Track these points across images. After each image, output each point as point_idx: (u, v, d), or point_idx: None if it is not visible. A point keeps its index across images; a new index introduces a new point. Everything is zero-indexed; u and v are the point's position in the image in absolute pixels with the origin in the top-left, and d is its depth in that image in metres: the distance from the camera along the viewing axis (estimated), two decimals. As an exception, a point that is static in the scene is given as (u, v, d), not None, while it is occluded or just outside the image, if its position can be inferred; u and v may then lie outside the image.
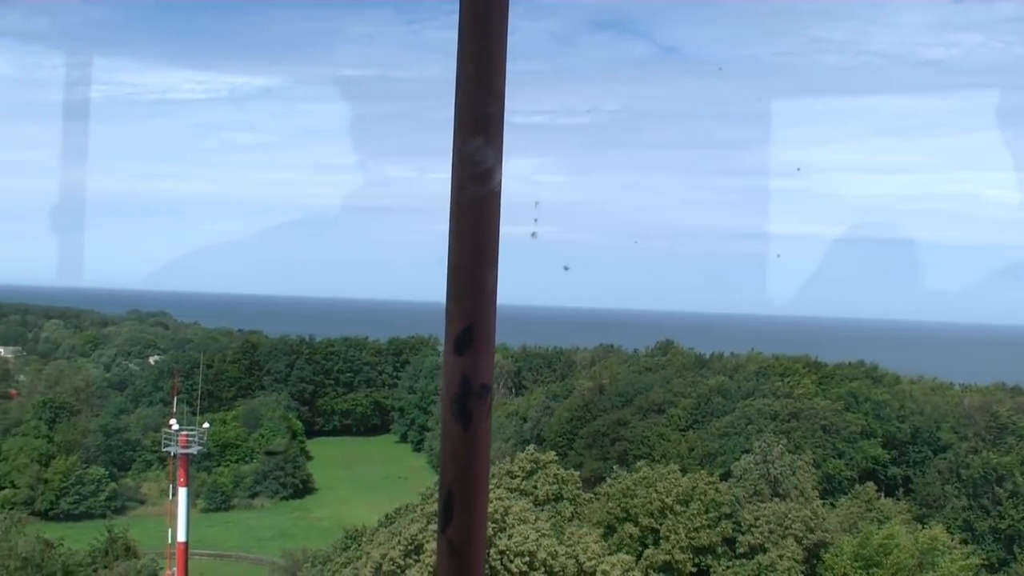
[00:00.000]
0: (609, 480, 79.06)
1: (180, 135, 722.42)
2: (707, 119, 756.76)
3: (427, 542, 50.36)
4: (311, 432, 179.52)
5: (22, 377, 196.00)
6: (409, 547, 51.85)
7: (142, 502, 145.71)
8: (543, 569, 51.86)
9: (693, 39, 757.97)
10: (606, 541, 63.76)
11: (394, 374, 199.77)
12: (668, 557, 67.10)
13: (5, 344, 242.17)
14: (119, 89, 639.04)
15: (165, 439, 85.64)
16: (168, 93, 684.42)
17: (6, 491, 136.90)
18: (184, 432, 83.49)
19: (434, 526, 49.16)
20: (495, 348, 3.16)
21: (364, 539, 70.39)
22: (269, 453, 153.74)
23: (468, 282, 2.97)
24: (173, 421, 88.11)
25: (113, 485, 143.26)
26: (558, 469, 74.18)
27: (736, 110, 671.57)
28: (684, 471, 79.67)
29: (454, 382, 2.99)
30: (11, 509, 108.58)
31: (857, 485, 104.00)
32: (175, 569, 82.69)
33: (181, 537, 79.49)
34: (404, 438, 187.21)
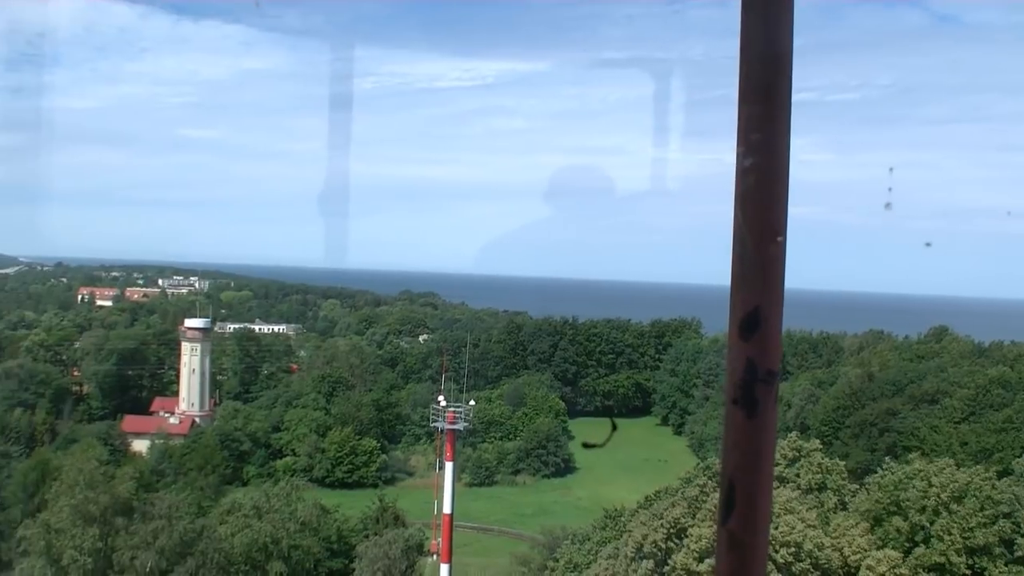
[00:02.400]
0: (880, 471, 76.09)
1: (447, 122, 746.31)
2: (988, 91, 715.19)
3: (691, 527, 49.94)
4: (573, 412, 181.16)
5: (302, 353, 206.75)
6: (671, 530, 51.54)
7: (410, 474, 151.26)
8: (808, 561, 50.50)
9: (972, 5, 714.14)
10: (873, 535, 61.41)
11: (656, 356, 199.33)
12: (942, 559, 63.92)
13: (287, 322, 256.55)
14: (389, 79, 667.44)
15: (433, 415, 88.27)
16: (435, 82, 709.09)
17: (287, 459, 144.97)
18: (451, 408, 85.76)
19: (697, 511, 48.69)
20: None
21: (623, 520, 70.44)
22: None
23: (755, 263, 2.81)
24: (441, 398, 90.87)
25: (384, 457, 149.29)
26: (822, 458, 71.96)
27: (1020, 81, 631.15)
28: (957, 466, 75.78)
29: (739, 367, 2.84)
30: (292, 476, 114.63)
31: None
32: (440, 539, 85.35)
33: (447, 509, 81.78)
34: (665, 421, 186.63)
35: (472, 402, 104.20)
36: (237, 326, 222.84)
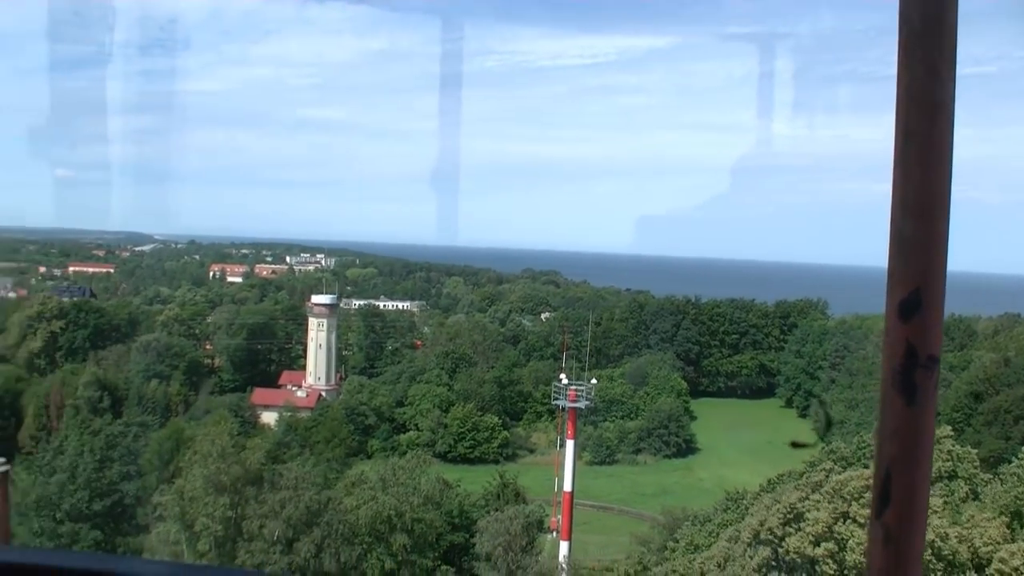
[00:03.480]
0: (1016, 461, 73.49)
1: (570, 99, 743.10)
2: None
3: (807, 511, 49.08)
4: (695, 392, 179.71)
5: (426, 329, 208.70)
6: (788, 515, 50.73)
7: (531, 451, 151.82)
8: (930, 550, 49.20)
9: None
10: (1011, 528, 59.37)
11: (780, 337, 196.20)
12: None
13: (412, 299, 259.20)
14: (511, 58, 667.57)
15: (555, 393, 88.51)
16: (558, 59, 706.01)
17: (411, 433, 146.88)
18: (573, 387, 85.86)
19: (816, 496, 47.79)
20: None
21: (745, 503, 69.60)
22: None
23: (916, 241, 2.68)
24: (562, 376, 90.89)
25: (505, 433, 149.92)
26: (953, 445, 69.89)
27: None
28: (1101, 456, 72.91)
29: (898, 352, 2.71)
30: (416, 450, 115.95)
31: None
32: (560, 517, 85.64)
33: (567, 487, 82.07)
34: (789, 403, 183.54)
35: (594, 380, 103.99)
36: (362, 302, 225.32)
